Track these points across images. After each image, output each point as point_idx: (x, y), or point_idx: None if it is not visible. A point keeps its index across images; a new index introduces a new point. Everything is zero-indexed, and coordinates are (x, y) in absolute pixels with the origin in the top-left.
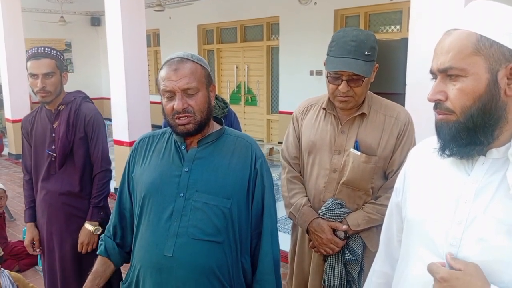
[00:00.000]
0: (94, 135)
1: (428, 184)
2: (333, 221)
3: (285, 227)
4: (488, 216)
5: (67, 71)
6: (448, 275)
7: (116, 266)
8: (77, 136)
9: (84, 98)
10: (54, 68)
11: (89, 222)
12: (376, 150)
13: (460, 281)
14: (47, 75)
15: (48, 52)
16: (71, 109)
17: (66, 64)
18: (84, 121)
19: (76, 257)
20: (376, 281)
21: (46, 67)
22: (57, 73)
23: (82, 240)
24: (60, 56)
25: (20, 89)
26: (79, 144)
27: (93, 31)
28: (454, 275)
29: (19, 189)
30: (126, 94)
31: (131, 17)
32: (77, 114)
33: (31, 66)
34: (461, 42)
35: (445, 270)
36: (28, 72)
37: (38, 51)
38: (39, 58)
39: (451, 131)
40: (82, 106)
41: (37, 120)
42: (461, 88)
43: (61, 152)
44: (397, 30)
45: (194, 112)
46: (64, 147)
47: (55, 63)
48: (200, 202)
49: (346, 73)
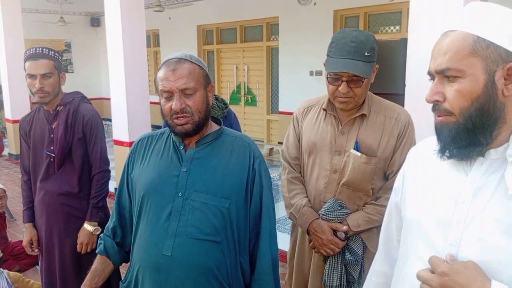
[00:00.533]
0: (93, 135)
1: (427, 184)
2: (333, 221)
3: (285, 227)
4: (486, 216)
5: (65, 72)
6: (448, 270)
7: (115, 265)
8: (76, 136)
9: (82, 99)
10: (52, 68)
11: (88, 223)
12: (376, 151)
13: (460, 276)
14: (45, 76)
15: (46, 52)
16: (69, 110)
17: (65, 64)
18: (83, 121)
19: (76, 257)
20: (375, 280)
21: (44, 67)
22: (55, 73)
23: (82, 240)
24: (58, 57)
25: (20, 89)
26: (78, 145)
27: (92, 32)
28: (455, 269)
29: (19, 189)
30: (126, 95)
31: (131, 17)
32: (75, 115)
33: (29, 66)
34: (458, 43)
35: (446, 264)
36: (26, 72)
37: (36, 52)
38: (37, 59)
39: (451, 132)
40: (80, 106)
41: (35, 121)
42: (459, 89)
43: (60, 153)
44: (397, 30)
45: (192, 112)
46: (63, 148)
47: (53, 64)
48: (199, 202)
49: (346, 74)
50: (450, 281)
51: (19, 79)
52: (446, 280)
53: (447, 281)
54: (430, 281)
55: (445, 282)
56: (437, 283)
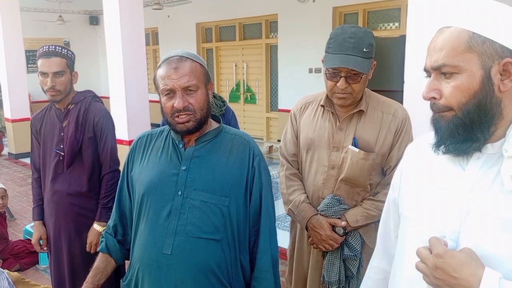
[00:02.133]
0: (103, 135)
1: (424, 180)
2: (332, 217)
3: (285, 224)
4: (483, 211)
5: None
6: (443, 252)
7: (117, 263)
8: (86, 136)
9: (93, 98)
10: (65, 67)
11: (98, 223)
12: (374, 147)
13: (454, 259)
14: (57, 74)
15: (59, 50)
16: (80, 109)
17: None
18: (93, 121)
19: (85, 257)
20: (374, 277)
21: (57, 65)
22: (67, 72)
23: (91, 240)
24: (71, 55)
25: (19, 88)
26: (88, 144)
27: (91, 30)
28: (450, 252)
29: (19, 188)
30: (125, 93)
31: (130, 15)
32: (86, 114)
33: (42, 64)
34: (454, 40)
35: (443, 247)
36: (39, 70)
37: (49, 50)
38: (50, 57)
39: (450, 126)
40: (92, 105)
41: (46, 119)
42: (456, 85)
43: (69, 152)
44: (396, 27)
45: (194, 110)
46: (73, 147)
47: (65, 62)
48: (198, 200)
49: (345, 69)
50: (444, 263)
51: (19, 79)
52: (440, 262)
53: (441, 263)
54: (426, 260)
55: (439, 264)
56: (432, 264)
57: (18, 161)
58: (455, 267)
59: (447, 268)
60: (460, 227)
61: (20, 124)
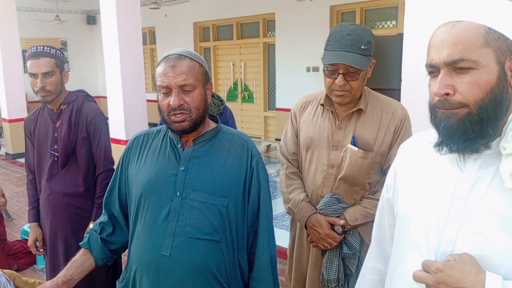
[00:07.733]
0: (96, 134)
1: (420, 180)
2: (331, 216)
3: (284, 223)
4: (483, 211)
5: (68, 70)
6: (442, 266)
7: (96, 262)
8: (79, 135)
9: (86, 97)
10: (54, 67)
11: (94, 223)
12: (373, 146)
13: (455, 270)
14: (47, 74)
15: (47, 51)
16: (73, 109)
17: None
18: (86, 120)
19: None
20: (369, 277)
21: (46, 66)
22: (57, 72)
23: None
24: (60, 55)
25: (16, 88)
26: (82, 144)
27: (88, 30)
28: (449, 264)
29: (16, 188)
30: (123, 93)
31: (127, 15)
32: (79, 114)
33: (31, 65)
34: (470, 34)
35: (439, 261)
36: (28, 71)
37: (37, 50)
38: (38, 57)
39: (464, 123)
40: (84, 105)
41: (40, 120)
42: (474, 80)
43: (63, 152)
44: (393, 25)
45: (190, 109)
46: (66, 147)
47: (54, 62)
48: (197, 201)
49: (343, 66)
50: (445, 276)
51: (15, 79)
52: (441, 276)
53: (442, 277)
54: (426, 279)
55: (440, 278)
56: (433, 280)
57: (15, 161)
58: (458, 277)
59: (449, 280)
60: (458, 230)
61: (17, 124)
